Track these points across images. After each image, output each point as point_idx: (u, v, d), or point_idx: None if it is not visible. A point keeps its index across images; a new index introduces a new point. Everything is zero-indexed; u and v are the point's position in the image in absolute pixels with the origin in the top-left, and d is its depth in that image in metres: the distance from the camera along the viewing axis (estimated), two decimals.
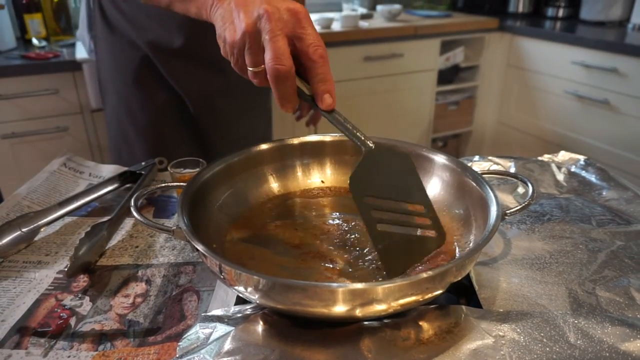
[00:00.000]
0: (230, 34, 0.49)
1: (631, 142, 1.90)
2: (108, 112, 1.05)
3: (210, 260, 0.41)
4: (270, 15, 0.47)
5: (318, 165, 0.59)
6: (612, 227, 0.55)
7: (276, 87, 0.48)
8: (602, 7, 2.23)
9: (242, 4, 0.49)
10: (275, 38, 0.47)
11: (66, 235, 0.64)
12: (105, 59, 1.00)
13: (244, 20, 0.48)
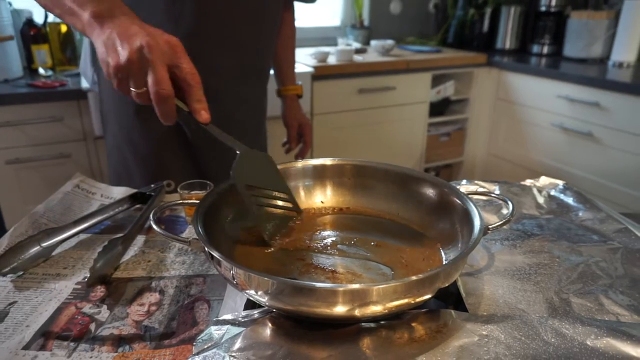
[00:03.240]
0: (114, 60, 0.58)
1: (614, 172, 1.97)
2: (109, 141, 1.09)
3: (224, 266, 0.46)
4: (151, 46, 0.56)
5: (319, 187, 0.65)
6: (586, 244, 0.60)
7: (158, 107, 0.58)
8: (583, 45, 2.34)
9: (124, 34, 0.58)
10: (157, 67, 0.56)
11: (82, 251, 0.68)
12: (107, 90, 1.04)
13: (127, 49, 0.57)
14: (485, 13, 2.63)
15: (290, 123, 1.20)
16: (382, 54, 2.29)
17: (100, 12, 0.62)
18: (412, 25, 2.83)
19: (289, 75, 1.20)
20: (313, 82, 2.01)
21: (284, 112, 1.23)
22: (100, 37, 0.61)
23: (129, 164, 1.03)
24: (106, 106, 1.04)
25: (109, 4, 0.64)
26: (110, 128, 1.05)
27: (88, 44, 1.09)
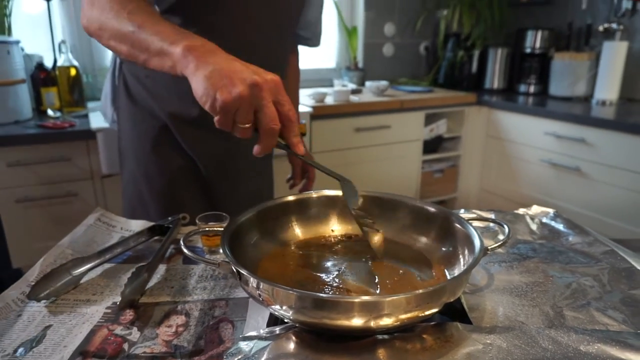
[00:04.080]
0: (224, 96, 0.57)
1: (602, 205, 2.05)
2: (125, 177, 1.15)
3: (251, 283, 0.51)
4: (262, 85, 0.58)
5: (332, 216, 0.70)
6: (576, 264, 0.66)
7: (265, 140, 0.60)
8: (567, 84, 2.46)
9: (232, 70, 0.59)
10: (269, 104, 0.59)
11: (108, 279, 0.72)
12: (126, 128, 1.11)
13: (239, 86, 0.57)
14: (474, 55, 2.76)
15: (295, 160, 1.26)
16: (377, 94, 2.39)
17: (195, 46, 0.63)
18: (404, 67, 2.95)
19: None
20: (311, 121, 2.09)
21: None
22: (201, 71, 0.60)
23: (144, 198, 1.08)
24: (124, 143, 1.11)
25: (200, 40, 0.65)
26: (127, 164, 1.11)
27: (109, 84, 1.16)
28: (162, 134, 1.06)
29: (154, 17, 0.72)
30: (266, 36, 1.02)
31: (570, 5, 2.62)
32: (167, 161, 1.07)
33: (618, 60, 2.30)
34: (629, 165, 1.93)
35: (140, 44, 0.69)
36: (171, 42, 0.65)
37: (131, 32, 0.70)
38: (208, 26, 0.96)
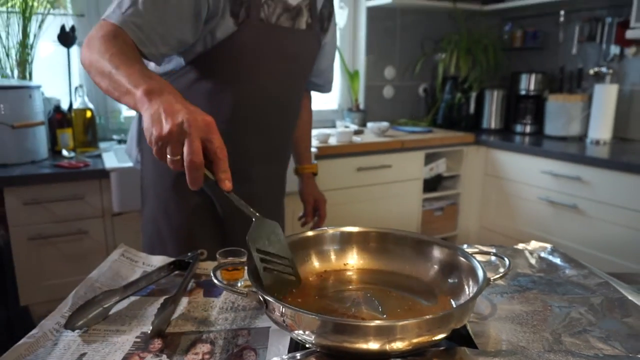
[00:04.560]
0: (157, 130, 0.67)
1: (599, 242, 2.10)
2: (146, 214, 1.21)
3: (277, 308, 0.56)
4: (190, 122, 0.66)
5: (347, 250, 0.76)
6: (573, 295, 0.71)
7: (190, 174, 0.67)
8: (562, 124, 2.55)
9: (170, 110, 0.68)
10: (193, 139, 0.65)
11: (134, 311, 0.77)
12: (149, 169, 1.19)
13: (170, 122, 0.66)
14: (471, 97, 2.87)
15: (307, 199, 1.33)
16: (378, 134, 2.48)
17: (151, 89, 0.73)
18: (404, 108, 3.06)
19: (305, 155, 1.35)
20: (316, 160, 2.16)
21: (301, 189, 1.36)
22: (149, 110, 0.70)
23: (162, 234, 1.14)
24: (146, 182, 1.17)
25: (159, 84, 0.74)
26: (148, 202, 1.17)
27: (135, 128, 1.24)
28: (183, 174, 1.12)
29: (129, 60, 0.81)
30: (282, 86, 1.11)
31: (562, 51, 2.74)
32: (186, 199, 1.13)
33: (609, 101, 2.40)
34: (624, 203, 1.99)
35: (115, 83, 0.79)
36: (135, 84, 0.75)
37: (109, 72, 0.80)
38: (229, 77, 1.04)
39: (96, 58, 0.84)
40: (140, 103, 0.73)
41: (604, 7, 2.50)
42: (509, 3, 2.78)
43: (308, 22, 1.12)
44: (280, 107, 1.13)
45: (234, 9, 0.99)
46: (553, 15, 2.72)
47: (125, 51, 0.84)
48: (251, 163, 1.11)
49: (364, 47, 2.85)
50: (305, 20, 1.11)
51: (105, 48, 0.83)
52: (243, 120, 1.07)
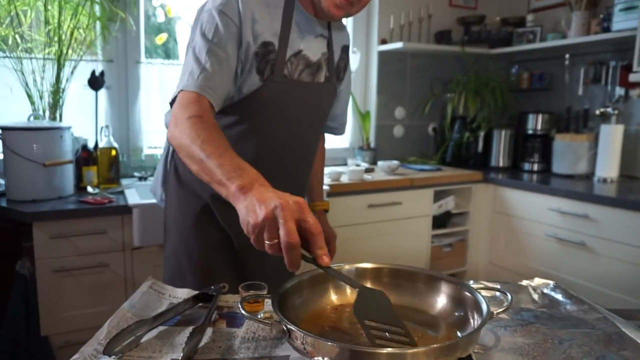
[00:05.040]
0: (254, 219, 0.71)
1: (607, 279, 2.12)
2: (168, 249, 1.29)
3: (299, 336, 0.62)
4: (283, 206, 0.69)
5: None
6: (573, 329, 0.76)
7: (287, 254, 0.68)
8: (569, 163, 2.61)
9: (262, 199, 0.72)
10: (287, 221, 0.68)
11: (163, 339, 0.83)
12: (172, 207, 1.27)
13: (264, 210, 0.70)
14: (479, 136, 2.95)
15: None
16: (388, 173, 2.56)
17: (244, 185, 0.78)
18: (414, 146, 3.14)
19: (318, 193, 1.43)
20: (328, 198, 2.23)
21: None
22: (243, 203, 0.75)
23: (183, 268, 1.21)
24: (169, 219, 1.25)
25: (250, 178, 0.79)
26: (170, 237, 1.25)
27: (161, 169, 1.33)
28: (204, 212, 1.21)
29: (220, 148, 0.88)
30: (301, 132, 1.21)
31: (568, 92, 2.83)
32: (206, 236, 1.21)
33: (615, 141, 2.46)
34: (631, 240, 2.02)
35: (206, 170, 0.86)
36: (228, 177, 0.81)
37: (201, 160, 0.87)
38: (254, 125, 1.15)
39: (187, 143, 0.91)
40: (235, 198, 0.78)
41: (608, 51, 2.59)
42: (515, 47, 2.89)
43: (326, 76, 1.23)
44: (299, 150, 1.23)
45: (260, 67, 1.10)
46: (558, 59, 2.82)
47: (214, 138, 0.91)
48: None
49: (375, 88, 2.96)
50: (324, 74, 1.22)
51: (195, 134, 0.90)
52: (266, 162, 1.15)
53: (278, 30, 1.12)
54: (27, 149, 1.84)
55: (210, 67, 1.02)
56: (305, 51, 1.17)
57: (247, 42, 1.07)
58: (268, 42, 1.10)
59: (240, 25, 1.06)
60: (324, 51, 1.22)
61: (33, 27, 2.14)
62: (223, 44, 1.05)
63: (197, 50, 1.05)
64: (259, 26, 1.09)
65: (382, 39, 2.89)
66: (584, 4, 2.54)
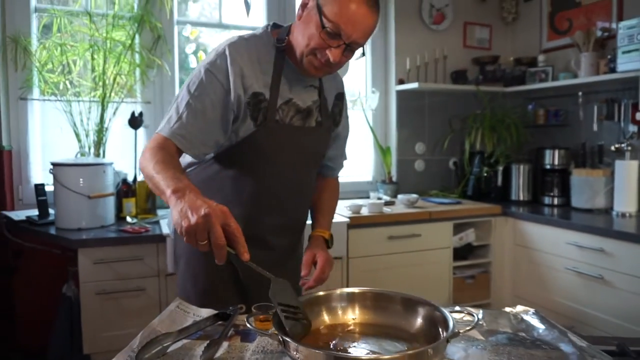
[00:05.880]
0: (186, 223, 0.88)
1: (626, 312, 2.14)
2: (179, 276, 1.42)
3: (292, 346, 0.75)
4: (211, 214, 0.87)
5: (351, 307, 0.95)
6: (537, 349, 0.86)
7: (216, 252, 0.88)
8: (587, 198, 2.66)
9: (193, 206, 0.89)
10: (216, 227, 0.86)
11: (186, 350, 0.98)
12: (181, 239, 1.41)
13: (195, 216, 0.87)
14: (498, 170, 3.03)
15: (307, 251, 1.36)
16: (408, 206, 2.67)
17: (177, 189, 0.95)
18: (435, 180, 3.25)
19: (322, 223, 1.45)
20: (349, 230, 2.37)
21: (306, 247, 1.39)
22: (177, 207, 0.91)
23: (190, 296, 1.33)
24: (178, 251, 1.41)
25: (183, 184, 0.97)
26: (180, 268, 1.40)
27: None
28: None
29: (167, 166, 1.05)
30: (295, 172, 1.34)
31: (583, 128, 2.90)
32: (212, 265, 1.32)
33: (631, 176, 2.50)
34: None
35: (156, 185, 1.04)
36: (166, 186, 0.99)
37: (152, 176, 1.06)
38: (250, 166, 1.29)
39: (145, 165, 1.11)
40: (170, 202, 0.96)
41: (619, 90, 2.67)
42: (528, 86, 3.00)
43: (318, 120, 1.35)
44: (294, 188, 1.35)
45: (254, 114, 1.23)
46: (572, 96, 2.91)
47: (165, 160, 1.09)
48: (270, 235, 1.33)
49: (395, 125, 3.11)
50: (315, 119, 1.34)
51: (151, 157, 1.10)
52: (263, 200, 1.30)
53: (269, 82, 1.25)
54: (74, 182, 2.06)
55: (186, 117, 1.18)
56: (295, 99, 1.29)
57: (237, 95, 1.21)
58: (258, 93, 1.24)
59: (227, 82, 1.20)
60: (315, 99, 1.34)
61: (81, 73, 2.41)
62: (202, 99, 1.20)
63: (179, 101, 1.21)
64: (248, 80, 1.22)
65: (400, 79, 3.05)
66: (591, 45, 2.64)
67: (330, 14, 1.14)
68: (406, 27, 3.10)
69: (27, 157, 2.44)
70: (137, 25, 2.40)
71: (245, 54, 1.24)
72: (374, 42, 3.12)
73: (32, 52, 2.31)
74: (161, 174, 1.04)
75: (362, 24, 1.17)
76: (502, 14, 3.36)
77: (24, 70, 2.34)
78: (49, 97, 2.38)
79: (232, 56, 1.21)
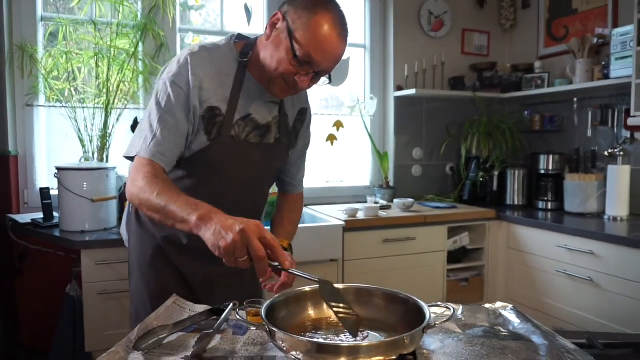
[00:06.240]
0: (224, 243, 0.88)
1: (614, 314, 2.19)
2: (132, 286, 1.41)
3: (278, 335, 0.81)
4: (247, 229, 0.88)
5: None
6: (509, 341, 0.92)
7: (258, 265, 0.89)
8: (580, 202, 2.71)
9: (226, 226, 0.89)
10: (254, 241, 0.87)
11: (180, 342, 1.03)
12: (134, 247, 1.39)
13: (231, 234, 0.87)
14: (493, 175, 3.09)
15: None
16: (403, 210, 2.72)
17: (203, 215, 0.95)
18: (432, 185, 3.30)
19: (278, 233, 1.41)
20: (344, 233, 2.42)
21: None
22: (209, 231, 0.91)
23: (146, 305, 1.33)
24: (132, 259, 1.40)
25: (206, 210, 0.96)
26: (133, 276, 1.39)
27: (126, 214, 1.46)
28: (157, 253, 1.34)
29: (174, 195, 1.04)
30: (249, 186, 1.35)
31: (578, 133, 2.95)
32: (163, 276, 1.33)
33: (623, 181, 2.55)
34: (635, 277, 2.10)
35: (168, 215, 1.02)
36: (188, 213, 0.98)
37: (161, 208, 1.03)
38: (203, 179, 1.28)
39: (146, 197, 1.07)
40: (197, 228, 0.95)
41: (612, 96, 2.72)
42: (525, 92, 3.06)
43: (276, 137, 1.33)
44: (247, 203, 1.35)
45: (208, 129, 1.22)
46: (567, 102, 2.96)
47: (167, 187, 1.07)
48: None
49: (393, 130, 3.17)
50: (274, 135, 1.33)
51: (151, 189, 1.07)
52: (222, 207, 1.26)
53: (227, 96, 1.23)
54: (78, 186, 2.12)
55: (161, 133, 1.16)
56: (254, 115, 1.27)
57: (194, 107, 1.19)
58: (214, 107, 1.22)
59: (189, 93, 1.19)
60: (275, 115, 1.32)
61: (86, 81, 2.48)
62: (173, 112, 1.18)
63: (151, 117, 1.19)
64: (206, 93, 1.20)
65: (398, 86, 3.11)
66: (586, 52, 2.69)
67: (302, 41, 1.12)
68: (405, 34, 3.17)
69: (33, 162, 2.51)
70: (141, 33, 2.47)
71: (206, 66, 1.22)
72: (372, 48, 3.19)
73: (38, 60, 2.39)
74: (173, 204, 1.02)
75: (333, 53, 1.15)
76: (501, 20, 3.42)
77: (30, 78, 2.41)
78: (54, 103, 2.46)
79: (193, 66, 1.20)
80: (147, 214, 1.12)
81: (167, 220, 1.04)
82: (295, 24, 1.13)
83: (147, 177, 1.10)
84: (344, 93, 3.24)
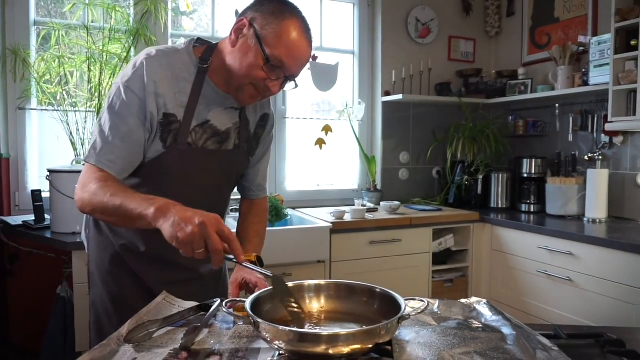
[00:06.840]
0: (182, 234, 0.90)
1: (592, 313, 2.26)
2: (92, 294, 1.39)
3: (261, 326, 0.86)
4: (206, 222, 0.91)
5: (317, 297, 1.06)
6: (479, 332, 0.98)
7: (214, 257, 0.93)
8: (560, 205, 2.79)
9: (185, 217, 0.91)
10: (212, 234, 0.91)
11: (170, 335, 1.08)
12: (94, 254, 1.37)
13: (191, 226, 0.90)
14: (478, 179, 3.16)
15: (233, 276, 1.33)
16: (390, 212, 2.79)
17: (161, 207, 0.96)
18: (418, 188, 3.37)
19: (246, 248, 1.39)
20: (332, 235, 2.48)
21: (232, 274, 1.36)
22: (167, 222, 0.92)
23: (108, 309, 1.34)
24: (91, 265, 1.38)
25: (163, 202, 0.97)
26: (94, 283, 1.38)
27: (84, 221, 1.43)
28: (116, 260, 1.33)
29: (128, 194, 1.04)
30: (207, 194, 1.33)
31: (560, 138, 3.04)
32: (123, 282, 1.33)
33: (602, 184, 2.64)
34: (612, 277, 2.17)
35: (125, 213, 1.02)
36: (145, 208, 0.98)
37: (117, 207, 1.03)
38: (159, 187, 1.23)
39: (98, 200, 1.06)
40: (155, 220, 0.96)
41: (592, 102, 2.81)
42: (508, 97, 3.14)
43: (236, 144, 1.31)
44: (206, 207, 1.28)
45: (163, 136, 1.19)
46: (550, 108, 3.05)
47: (120, 188, 1.07)
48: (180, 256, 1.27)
49: (380, 135, 3.23)
50: (233, 142, 1.31)
51: (102, 192, 1.06)
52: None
53: (185, 102, 1.20)
54: (70, 188, 2.15)
55: (112, 140, 1.13)
56: (212, 121, 1.25)
57: (150, 113, 1.16)
58: (170, 114, 1.19)
59: (144, 99, 1.15)
60: (235, 121, 1.30)
61: (78, 85, 2.52)
62: (126, 119, 1.14)
63: (103, 123, 1.16)
64: (162, 99, 1.17)
65: (386, 91, 3.19)
66: (567, 59, 2.78)
67: (273, 46, 1.12)
68: (393, 41, 3.24)
69: (25, 164, 2.54)
70: (133, 38, 2.51)
71: (163, 71, 1.18)
72: (361, 54, 3.26)
73: (31, 64, 2.42)
74: (129, 201, 1.01)
75: (302, 57, 1.17)
76: (486, 28, 3.51)
77: (22, 81, 2.45)
78: (46, 107, 2.49)
79: (148, 71, 1.16)
80: (101, 219, 1.12)
81: (124, 220, 1.04)
82: (264, 29, 1.13)
83: (100, 181, 1.09)
84: (335, 98, 3.30)
